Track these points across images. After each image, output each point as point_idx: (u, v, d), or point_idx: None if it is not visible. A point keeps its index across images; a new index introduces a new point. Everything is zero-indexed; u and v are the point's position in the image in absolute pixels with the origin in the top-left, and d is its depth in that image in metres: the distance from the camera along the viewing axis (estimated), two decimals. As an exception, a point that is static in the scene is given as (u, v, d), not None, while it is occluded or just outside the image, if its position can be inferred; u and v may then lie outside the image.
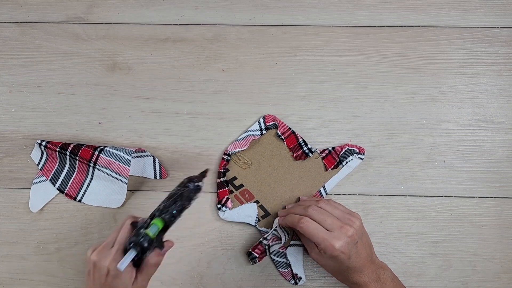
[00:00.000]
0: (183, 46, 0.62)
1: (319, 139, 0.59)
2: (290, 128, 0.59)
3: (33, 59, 0.62)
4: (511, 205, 0.58)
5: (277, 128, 0.59)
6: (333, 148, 0.58)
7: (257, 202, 0.57)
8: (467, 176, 0.59)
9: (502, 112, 0.60)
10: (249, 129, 0.59)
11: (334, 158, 0.58)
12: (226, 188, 0.57)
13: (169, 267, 0.57)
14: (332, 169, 0.58)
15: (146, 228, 0.45)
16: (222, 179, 0.57)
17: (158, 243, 0.46)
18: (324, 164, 0.58)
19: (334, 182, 0.58)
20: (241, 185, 0.58)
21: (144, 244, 0.44)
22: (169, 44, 0.62)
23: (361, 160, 0.58)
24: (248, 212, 0.57)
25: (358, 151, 0.57)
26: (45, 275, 0.57)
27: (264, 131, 0.59)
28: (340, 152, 0.57)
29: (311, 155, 0.58)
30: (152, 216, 0.46)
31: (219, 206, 0.57)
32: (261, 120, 0.59)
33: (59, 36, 0.62)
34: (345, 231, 0.48)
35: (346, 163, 0.57)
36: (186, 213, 0.55)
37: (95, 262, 0.46)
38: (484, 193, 0.58)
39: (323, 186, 0.58)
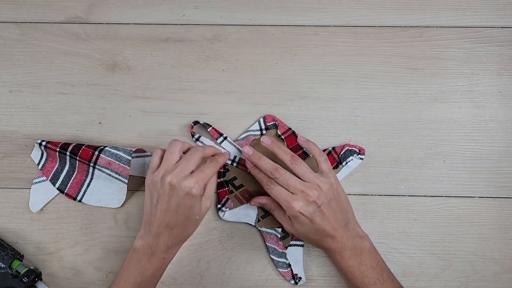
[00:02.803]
0: (183, 46, 0.62)
1: (319, 139, 0.59)
2: (290, 128, 0.59)
3: (33, 59, 0.62)
4: (511, 205, 0.58)
5: (277, 128, 0.59)
6: (333, 148, 0.58)
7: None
8: (467, 176, 0.59)
9: (502, 112, 0.60)
10: (249, 129, 0.59)
11: (334, 158, 0.58)
12: (226, 188, 0.57)
13: (169, 267, 0.57)
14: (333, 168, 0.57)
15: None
16: (222, 179, 0.57)
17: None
18: None
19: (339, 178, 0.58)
20: (241, 185, 0.58)
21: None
22: (169, 44, 0.62)
23: (361, 160, 0.58)
24: (248, 212, 0.57)
25: (358, 151, 0.57)
26: (45, 275, 0.57)
27: (264, 131, 0.59)
28: (340, 152, 0.57)
29: (310, 155, 0.58)
30: None
31: (219, 206, 0.57)
32: (261, 120, 0.59)
33: (59, 36, 0.62)
34: (305, 195, 0.49)
35: (346, 163, 0.57)
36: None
37: (174, 184, 0.48)
38: (484, 193, 0.58)
39: None
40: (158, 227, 0.50)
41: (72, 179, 0.58)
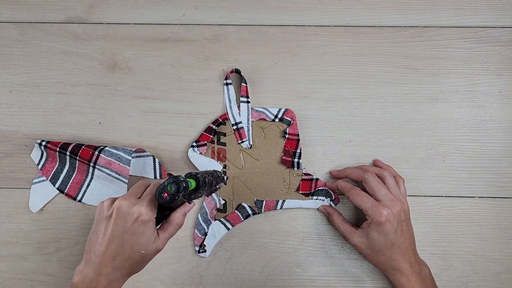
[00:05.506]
0: (183, 46, 0.62)
1: (319, 139, 0.59)
2: (298, 135, 0.58)
3: (33, 59, 0.62)
4: (511, 205, 0.58)
5: (289, 126, 0.59)
6: (317, 179, 0.58)
7: (225, 166, 0.58)
8: (467, 176, 0.59)
9: (502, 112, 0.60)
10: (267, 108, 0.59)
11: (311, 187, 0.58)
12: (211, 137, 0.58)
13: (169, 267, 0.57)
14: (302, 193, 0.57)
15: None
16: (214, 126, 0.58)
17: (189, 196, 0.45)
18: (299, 185, 0.58)
19: (294, 205, 0.57)
20: (224, 144, 0.58)
21: (181, 185, 0.42)
22: (169, 44, 0.62)
23: (332, 204, 0.57)
24: (213, 165, 0.58)
25: (333, 197, 0.57)
26: (45, 275, 0.57)
27: (276, 120, 0.59)
28: (319, 187, 0.57)
29: (295, 169, 0.58)
30: (186, 176, 0.45)
31: (194, 144, 0.58)
32: (282, 110, 0.59)
33: (59, 36, 0.62)
34: (394, 204, 0.50)
35: (316, 199, 0.57)
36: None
37: (121, 208, 0.44)
38: (484, 193, 0.58)
39: (284, 201, 0.57)
40: (101, 255, 0.44)
41: (72, 179, 0.58)
